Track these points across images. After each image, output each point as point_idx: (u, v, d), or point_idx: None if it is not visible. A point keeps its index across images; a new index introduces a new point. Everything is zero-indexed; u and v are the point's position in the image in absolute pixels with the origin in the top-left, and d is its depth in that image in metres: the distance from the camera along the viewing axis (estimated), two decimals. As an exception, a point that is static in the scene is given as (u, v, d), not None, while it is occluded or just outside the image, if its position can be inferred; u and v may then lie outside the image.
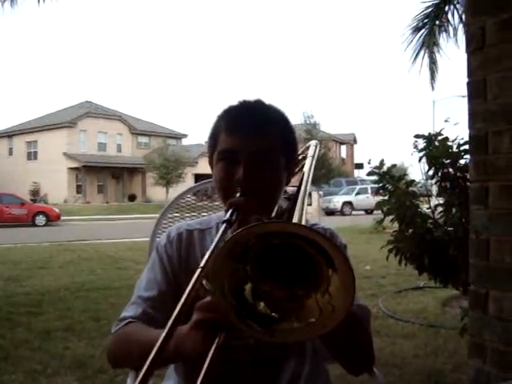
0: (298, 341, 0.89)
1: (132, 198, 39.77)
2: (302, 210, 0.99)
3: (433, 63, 9.37)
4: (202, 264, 0.90)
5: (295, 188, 1.18)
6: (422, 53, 9.17)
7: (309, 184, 1.19)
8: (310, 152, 1.39)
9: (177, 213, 1.91)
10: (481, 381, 2.32)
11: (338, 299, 0.82)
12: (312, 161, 1.34)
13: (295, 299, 0.87)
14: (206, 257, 0.91)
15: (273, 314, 0.86)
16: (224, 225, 1.02)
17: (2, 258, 10.12)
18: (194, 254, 1.32)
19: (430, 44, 9.03)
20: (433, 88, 9.97)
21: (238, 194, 1.16)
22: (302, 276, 0.87)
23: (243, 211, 1.08)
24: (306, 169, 1.29)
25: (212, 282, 0.85)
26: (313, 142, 1.46)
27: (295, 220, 0.94)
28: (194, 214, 1.90)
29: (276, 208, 1.24)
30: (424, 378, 3.34)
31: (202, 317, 0.93)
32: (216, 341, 0.90)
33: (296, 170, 1.35)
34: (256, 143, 1.20)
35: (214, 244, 0.93)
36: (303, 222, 0.93)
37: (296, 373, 1.29)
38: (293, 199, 1.12)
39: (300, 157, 1.40)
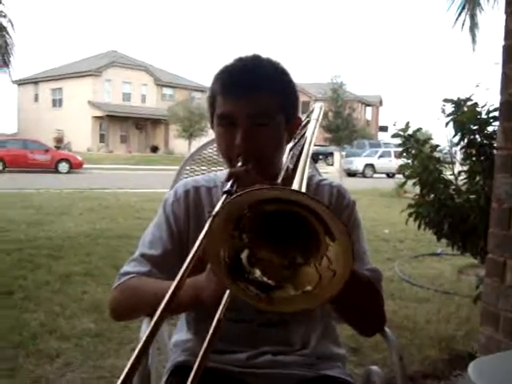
0: (298, 310, 0.88)
1: (154, 149, 39.95)
2: (303, 174, 0.97)
3: (474, 25, 9.06)
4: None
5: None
6: (463, 14, 8.84)
7: (311, 148, 1.16)
8: (314, 115, 1.35)
9: (198, 165, 1.90)
10: (491, 348, 2.33)
11: (337, 265, 0.81)
12: (316, 124, 1.30)
13: (292, 266, 0.86)
14: (207, 226, 0.89)
15: (269, 281, 0.86)
16: (224, 195, 1.01)
17: (25, 202, 10.31)
18: (202, 212, 1.32)
19: (471, 5, 8.70)
20: (473, 49, 9.66)
21: (239, 163, 1.15)
22: (300, 243, 0.86)
23: (243, 182, 1.06)
24: (308, 133, 1.26)
25: (208, 249, 0.84)
26: (317, 105, 1.42)
27: (295, 186, 0.92)
28: (214, 168, 1.89)
29: (285, 168, 1.21)
30: (435, 342, 3.36)
31: None
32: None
33: (301, 133, 1.32)
34: (252, 105, 1.18)
35: (213, 213, 0.89)
36: (303, 188, 0.91)
37: (306, 333, 1.31)
38: (294, 163, 1.11)
39: (305, 121, 1.36)
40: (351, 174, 27.53)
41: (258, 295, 0.85)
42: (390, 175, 25.72)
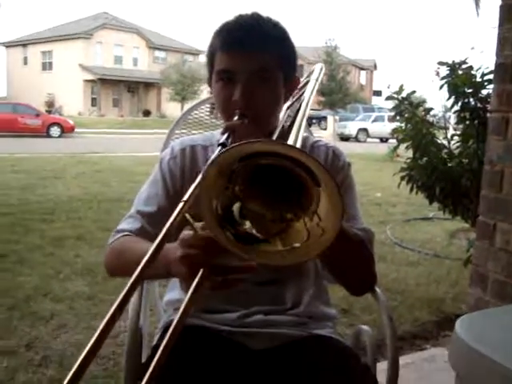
0: (280, 265, 0.88)
1: (147, 112, 39.61)
2: (299, 131, 0.97)
3: None
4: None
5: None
6: None
7: (308, 107, 1.17)
8: (314, 75, 1.36)
9: (189, 128, 1.88)
10: (480, 309, 2.37)
11: (326, 223, 0.81)
12: (315, 84, 1.31)
13: (282, 221, 0.87)
14: (199, 178, 0.89)
15: (258, 234, 0.86)
16: (219, 148, 1.01)
17: (17, 167, 10.25)
18: (198, 170, 1.29)
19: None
20: (478, 14, 9.43)
21: (236, 117, 1.16)
22: (292, 198, 0.86)
23: (239, 135, 1.07)
24: (306, 93, 1.26)
25: (201, 199, 0.84)
26: (318, 65, 1.43)
27: (290, 142, 0.92)
28: (206, 130, 1.86)
29: (281, 126, 1.22)
30: (424, 305, 3.41)
31: (183, 253, 0.92)
32: (198, 276, 0.87)
33: (299, 93, 1.32)
34: (252, 61, 1.18)
35: (207, 165, 0.87)
36: (298, 143, 0.91)
37: (298, 293, 1.32)
38: (291, 121, 1.11)
39: (304, 81, 1.37)
40: (344, 138, 27.43)
41: (245, 246, 0.85)
42: (383, 140, 25.68)
